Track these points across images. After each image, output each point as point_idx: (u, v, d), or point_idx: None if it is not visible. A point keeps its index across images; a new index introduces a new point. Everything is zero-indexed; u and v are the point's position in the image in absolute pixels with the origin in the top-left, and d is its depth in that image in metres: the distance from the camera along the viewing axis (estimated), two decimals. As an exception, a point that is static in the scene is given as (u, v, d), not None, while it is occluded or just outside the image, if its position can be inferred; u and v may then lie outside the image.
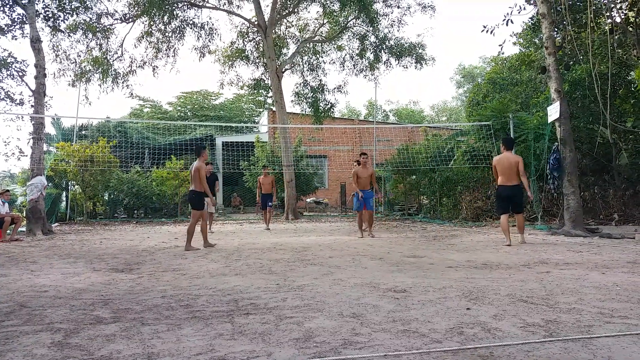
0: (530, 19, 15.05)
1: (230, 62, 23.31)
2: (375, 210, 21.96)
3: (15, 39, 14.66)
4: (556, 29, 12.53)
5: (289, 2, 21.95)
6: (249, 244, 9.49)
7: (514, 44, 21.04)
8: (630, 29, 11.49)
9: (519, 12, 12.61)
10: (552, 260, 6.45)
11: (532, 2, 12.71)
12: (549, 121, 11.43)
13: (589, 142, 13.80)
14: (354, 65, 23.34)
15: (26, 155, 16.56)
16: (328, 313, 3.59)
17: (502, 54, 15.77)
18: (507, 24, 12.50)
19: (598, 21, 12.57)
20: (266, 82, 23.52)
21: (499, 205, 8.95)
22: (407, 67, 22.35)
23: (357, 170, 10.72)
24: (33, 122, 13.12)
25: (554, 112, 10.84)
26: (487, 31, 12.81)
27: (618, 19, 11.69)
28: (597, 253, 7.15)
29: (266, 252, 7.83)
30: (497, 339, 2.89)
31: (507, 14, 12.39)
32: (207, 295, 4.37)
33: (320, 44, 23.61)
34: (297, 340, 2.93)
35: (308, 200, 25.18)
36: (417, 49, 21.83)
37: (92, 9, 18.02)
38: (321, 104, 22.94)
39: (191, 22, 21.06)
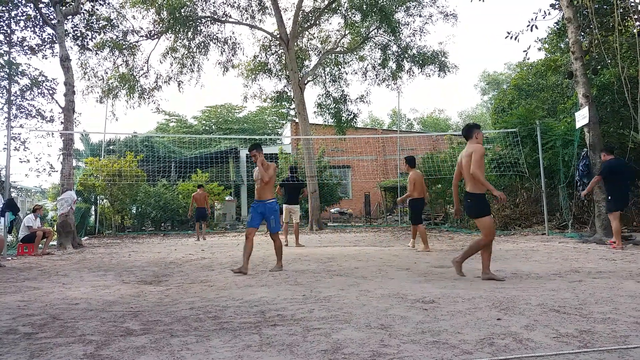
0: (555, 24, 14.84)
1: (253, 76, 23.57)
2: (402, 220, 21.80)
3: (46, 58, 15.20)
4: (582, 33, 12.32)
5: (310, 15, 22.12)
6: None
7: (539, 49, 20.73)
8: (660, 31, 11.21)
9: (544, 18, 12.44)
10: (585, 269, 6.29)
11: (557, 6, 12.53)
12: (577, 127, 11.22)
13: (619, 147, 13.45)
14: (376, 75, 23.30)
15: (56, 171, 16.96)
16: (355, 324, 3.56)
17: (528, 59, 15.54)
18: (531, 30, 12.35)
19: (626, 24, 12.33)
20: (289, 94, 23.68)
21: None
22: (429, 76, 22.27)
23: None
24: (63, 138, 13.45)
25: (582, 117, 10.65)
26: (511, 37, 12.68)
27: (646, 21, 11.43)
28: (632, 261, 6.95)
29: (291, 263, 7.83)
30: (530, 350, 2.82)
31: (532, 19, 12.26)
32: (235, 306, 4.39)
33: (342, 55, 23.69)
34: (325, 352, 2.91)
35: (332, 210, 25.16)
36: (440, 56, 21.73)
37: (118, 27, 18.52)
38: (344, 115, 22.94)
39: (215, 37, 21.42)
